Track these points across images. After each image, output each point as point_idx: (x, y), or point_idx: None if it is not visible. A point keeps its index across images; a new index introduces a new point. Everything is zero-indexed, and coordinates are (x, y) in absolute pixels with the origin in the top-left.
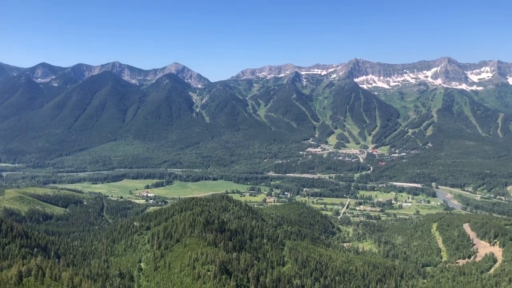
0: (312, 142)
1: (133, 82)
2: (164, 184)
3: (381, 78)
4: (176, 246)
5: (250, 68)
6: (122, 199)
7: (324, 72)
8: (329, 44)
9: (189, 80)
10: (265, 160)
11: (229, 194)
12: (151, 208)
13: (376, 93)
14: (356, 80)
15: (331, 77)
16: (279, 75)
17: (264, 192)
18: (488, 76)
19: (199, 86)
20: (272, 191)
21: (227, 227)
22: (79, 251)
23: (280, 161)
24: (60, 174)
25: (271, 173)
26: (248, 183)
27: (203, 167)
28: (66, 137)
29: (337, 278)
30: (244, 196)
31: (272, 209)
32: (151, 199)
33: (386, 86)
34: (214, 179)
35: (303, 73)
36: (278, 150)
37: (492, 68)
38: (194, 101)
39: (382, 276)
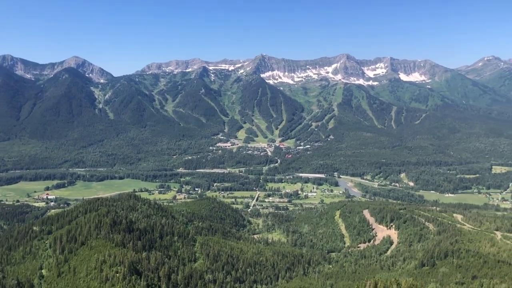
0: (222, 137)
1: (28, 77)
2: (66, 185)
3: (286, 73)
4: (81, 250)
5: (156, 62)
6: (18, 203)
7: (231, 68)
8: (236, 40)
9: (90, 74)
10: (174, 157)
11: (136, 193)
12: (52, 211)
13: (281, 88)
14: (262, 75)
15: (239, 72)
16: (187, 70)
17: (174, 189)
18: (382, 72)
19: (102, 81)
20: (182, 187)
21: (135, 227)
22: None
23: (190, 157)
24: None
25: (181, 170)
26: (157, 180)
27: (108, 165)
28: None
29: (248, 269)
30: (153, 194)
31: (182, 205)
32: (52, 202)
33: (291, 82)
34: (121, 178)
35: (211, 68)
36: (187, 146)
37: (386, 65)
38: (97, 97)
39: (291, 265)
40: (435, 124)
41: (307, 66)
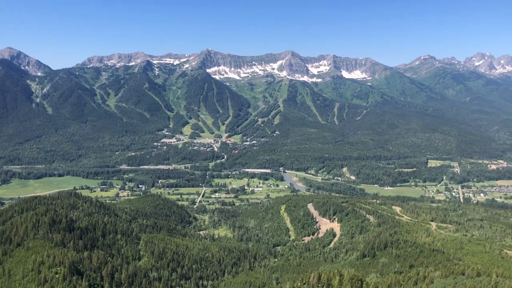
0: (167, 133)
1: None
2: (0, 183)
3: (232, 69)
4: (17, 251)
5: (98, 55)
6: None
7: (176, 62)
8: (181, 34)
9: (26, 67)
10: (116, 153)
11: (77, 191)
12: None
13: (228, 84)
14: (208, 70)
15: (184, 67)
16: (130, 64)
17: (117, 186)
18: (325, 69)
19: (39, 74)
20: (126, 184)
21: (76, 226)
22: None
23: (133, 153)
24: None
25: (124, 166)
26: (99, 177)
27: (47, 162)
28: None
29: (194, 266)
30: (95, 191)
31: (126, 203)
32: None
33: (237, 77)
34: (60, 175)
35: (155, 62)
36: (131, 142)
37: (329, 62)
38: (34, 91)
39: (237, 260)
40: (375, 120)
41: (253, 62)
